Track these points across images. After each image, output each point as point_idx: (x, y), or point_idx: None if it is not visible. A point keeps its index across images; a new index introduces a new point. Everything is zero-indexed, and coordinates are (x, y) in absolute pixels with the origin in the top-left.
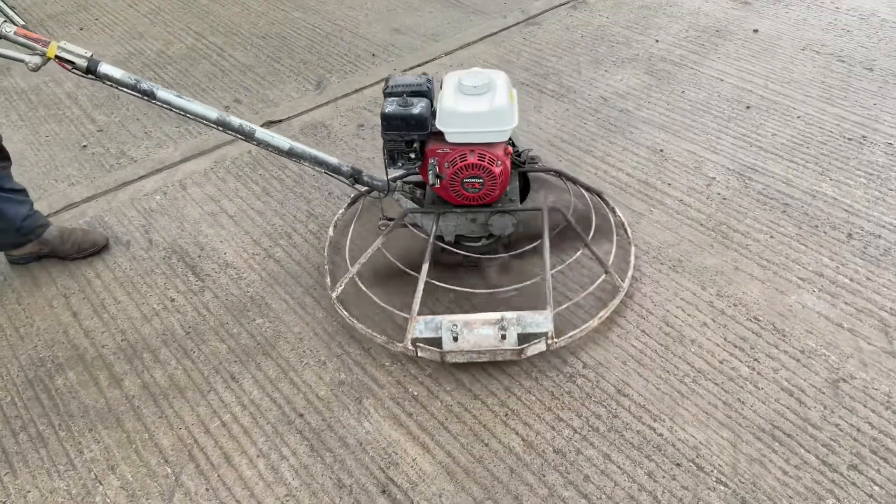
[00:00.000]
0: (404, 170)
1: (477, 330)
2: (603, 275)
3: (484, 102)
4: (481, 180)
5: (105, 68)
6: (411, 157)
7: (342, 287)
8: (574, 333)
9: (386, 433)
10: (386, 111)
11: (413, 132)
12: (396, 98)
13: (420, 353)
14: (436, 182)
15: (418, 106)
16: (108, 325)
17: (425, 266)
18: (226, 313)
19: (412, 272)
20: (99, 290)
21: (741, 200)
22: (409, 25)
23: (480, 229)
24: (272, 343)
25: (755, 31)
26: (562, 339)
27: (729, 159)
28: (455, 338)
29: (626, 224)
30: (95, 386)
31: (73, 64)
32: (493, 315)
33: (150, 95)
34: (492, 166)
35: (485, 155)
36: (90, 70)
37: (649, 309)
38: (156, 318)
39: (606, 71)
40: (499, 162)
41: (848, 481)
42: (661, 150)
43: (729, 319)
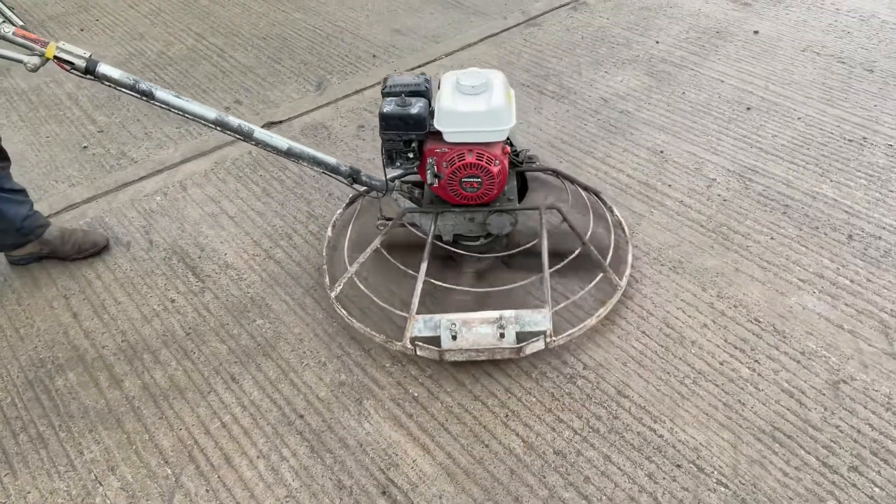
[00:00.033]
0: (403, 169)
1: (476, 328)
2: (601, 273)
3: (481, 102)
4: (479, 180)
5: (104, 69)
6: (410, 157)
7: (341, 287)
8: (573, 332)
9: (386, 434)
10: (384, 111)
11: (411, 132)
12: (395, 98)
13: (419, 352)
14: (434, 181)
15: (416, 106)
16: (109, 326)
17: (424, 265)
18: (226, 314)
19: (411, 271)
20: (99, 291)
21: (741, 202)
22: (410, 26)
23: (479, 228)
24: (272, 344)
25: (755, 33)
26: (560, 338)
27: (729, 161)
28: (454, 336)
29: (624, 223)
30: (96, 387)
31: (72, 64)
32: (492, 314)
33: (149, 96)
34: (490, 166)
35: (483, 154)
36: (89, 70)
37: (650, 310)
38: (156, 319)
39: (607, 72)
40: (497, 161)
41: (848, 483)
42: (662, 152)
43: (729, 321)
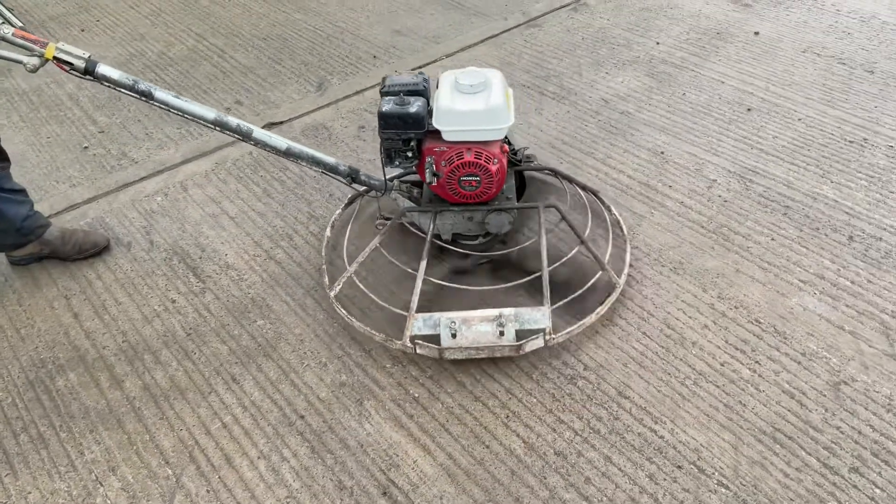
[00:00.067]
0: (402, 168)
1: (475, 327)
2: (599, 272)
3: (480, 101)
4: (478, 178)
5: (103, 69)
6: (408, 156)
7: (340, 286)
8: (571, 329)
9: (387, 435)
10: (383, 110)
11: (410, 131)
12: (393, 97)
13: (419, 350)
14: (433, 180)
15: (415, 105)
16: (109, 327)
17: (423, 264)
18: (227, 315)
19: (410, 270)
20: (100, 292)
21: (742, 203)
22: (410, 27)
23: (477, 227)
24: (273, 344)
25: (756, 34)
26: (559, 335)
27: (730, 161)
28: (453, 335)
29: (622, 222)
30: (96, 387)
31: (71, 65)
32: (492, 312)
33: (148, 96)
34: (488, 164)
35: (481, 153)
36: (88, 71)
37: (650, 311)
38: (157, 320)
39: (607, 73)
40: (495, 160)
41: (849, 484)
42: (662, 153)
43: (730, 322)
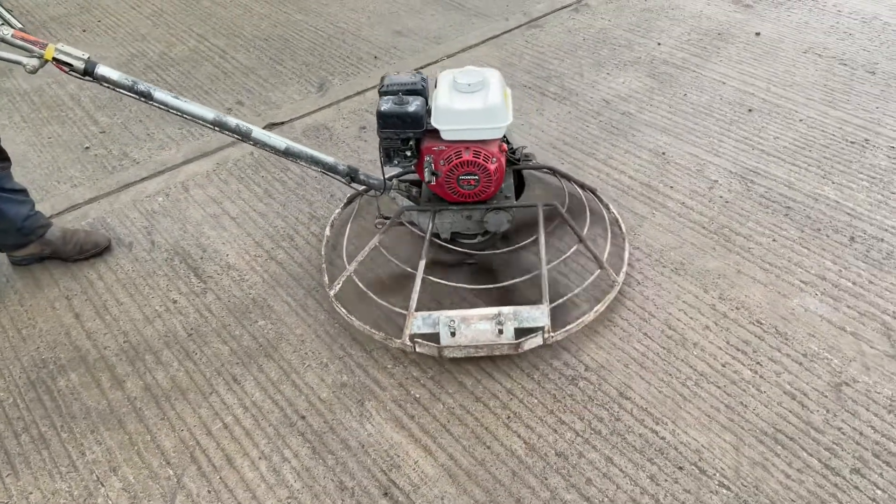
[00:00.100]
0: (401, 168)
1: (474, 325)
2: (598, 270)
3: (478, 100)
4: (477, 177)
5: (102, 70)
6: (407, 155)
7: (340, 285)
8: (570, 327)
9: (388, 435)
10: (382, 109)
11: (409, 130)
12: (392, 96)
13: (418, 349)
14: (432, 179)
15: (414, 104)
16: (111, 327)
17: (422, 263)
18: (228, 315)
19: (409, 269)
20: (101, 292)
21: (743, 203)
22: (411, 28)
23: (476, 226)
24: (274, 345)
25: (757, 35)
26: (558, 333)
27: (731, 162)
28: (453, 333)
29: (621, 220)
30: (97, 387)
31: (71, 66)
32: (491, 310)
33: (147, 96)
34: (487, 163)
35: (480, 152)
36: (87, 72)
37: (651, 312)
38: (158, 320)
39: (608, 74)
40: (494, 159)
41: (850, 485)
42: (664, 153)
43: (731, 323)
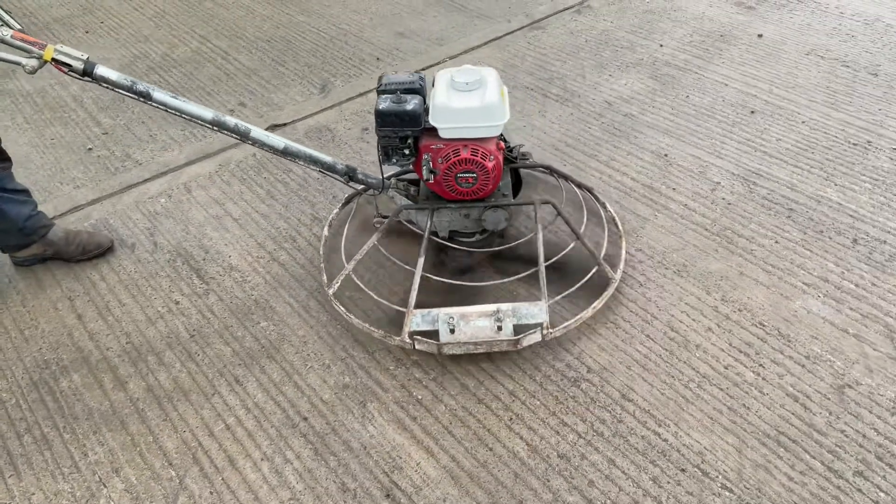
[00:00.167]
0: (399, 166)
1: (473, 322)
2: (595, 267)
3: (475, 98)
4: (474, 175)
5: (101, 70)
6: (405, 154)
7: (339, 284)
8: (568, 323)
9: (390, 437)
10: (380, 108)
11: (407, 128)
12: (390, 95)
13: (417, 346)
14: (430, 177)
15: (411, 102)
16: (113, 328)
17: (420, 260)
18: (230, 316)
19: (408, 267)
20: (104, 293)
21: (746, 205)
22: (414, 29)
23: (474, 224)
24: (276, 346)
25: (760, 36)
26: (557, 330)
27: (733, 164)
28: (452, 330)
29: (617, 219)
30: (100, 388)
31: (70, 66)
32: (489, 307)
33: (146, 97)
34: (485, 161)
35: (477, 150)
36: (87, 72)
37: (654, 314)
38: (160, 321)
39: (611, 75)
40: (491, 157)
41: (853, 487)
42: (666, 155)
43: (734, 324)
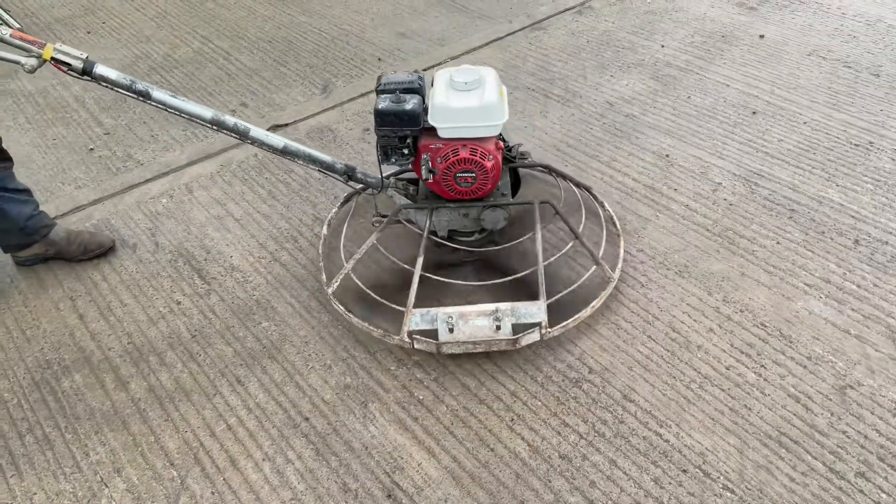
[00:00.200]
0: (398, 166)
1: (472, 321)
2: (593, 266)
3: (474, 98)
4: (473, 175)
5: (101, 69)
6: (405, 153)
7: (338, 283)
8: (567, 323)
9: (391, 437)
10: (379, 107)
11: (406, 128)
12: (389, 95)
13: (416, 345)
14: (429, 177)
15: (411, 102)
16: (115, 328)
17: (420, 260)
18: (231, 316)
19: (407, 266)
20: (105, 293)
21: (747, 206)
22: (415, 30)
23: (473, 224)
24: (278, 346)
25: (761, 37)
26: (555, 329)
27: (735, 165)
28: (451, 329)
29: (616, 218)
30: (101, 388)
31: (69, 66)
32: (488, 306)
33: (146, 96)
34: (483, 161)
35: (476, 150)
36: (86, 72)
37: (655, 314)
38: (162, 321)
39: (612, 76)
40: (490, 156)
41: (855, 489)
42: (667, 156)
43: (735, 325)
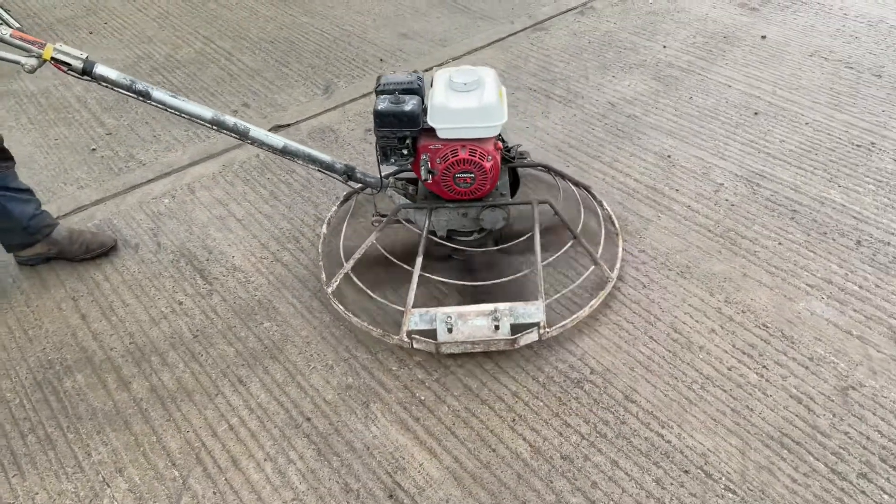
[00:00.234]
0: (397, 166)
1: (471, 321)
2: (592, 266)
3: (473, 99)
4: (472, 175)
5: (101, 69)
6: (404, 154)
7: (337, 283)
8: (566, 323)
9: (393, 438)
10: (378, 108)
11: (405, 128)
12: (388, 95)
13: (415, 345)
14: (428, 177)
15: (410, 103)
16: (117, 328)
17: (419, 260)
18: (233, 317)
19: (406, 266)
20: (107, 293)
21: (749, 207)
22: (417, 30)
23: (472, 224)
24: (280, 347)
25: (763, 38)
26: (553, 329)
27: (737, 165)
28: (450, 329)
29: (614, 217)
30: (104, 388)
31: (69, 65)
32: (487, 306)
33: (146, 96)
34: (482, 161)
35: (475, 150)
36: (86, 71)
37: (657, 315)
38: (164, 321)
39: (614, 76)
40: (489, 157)
41: (857, 490)
42: (669, 156)
43: (737, 326)
